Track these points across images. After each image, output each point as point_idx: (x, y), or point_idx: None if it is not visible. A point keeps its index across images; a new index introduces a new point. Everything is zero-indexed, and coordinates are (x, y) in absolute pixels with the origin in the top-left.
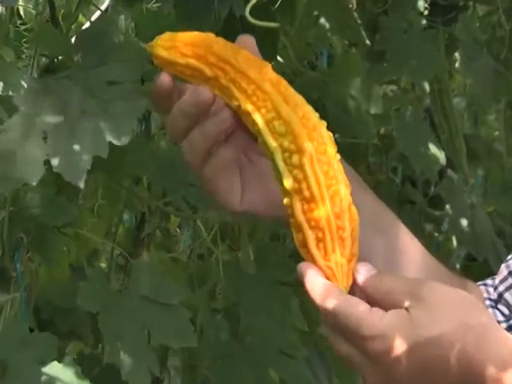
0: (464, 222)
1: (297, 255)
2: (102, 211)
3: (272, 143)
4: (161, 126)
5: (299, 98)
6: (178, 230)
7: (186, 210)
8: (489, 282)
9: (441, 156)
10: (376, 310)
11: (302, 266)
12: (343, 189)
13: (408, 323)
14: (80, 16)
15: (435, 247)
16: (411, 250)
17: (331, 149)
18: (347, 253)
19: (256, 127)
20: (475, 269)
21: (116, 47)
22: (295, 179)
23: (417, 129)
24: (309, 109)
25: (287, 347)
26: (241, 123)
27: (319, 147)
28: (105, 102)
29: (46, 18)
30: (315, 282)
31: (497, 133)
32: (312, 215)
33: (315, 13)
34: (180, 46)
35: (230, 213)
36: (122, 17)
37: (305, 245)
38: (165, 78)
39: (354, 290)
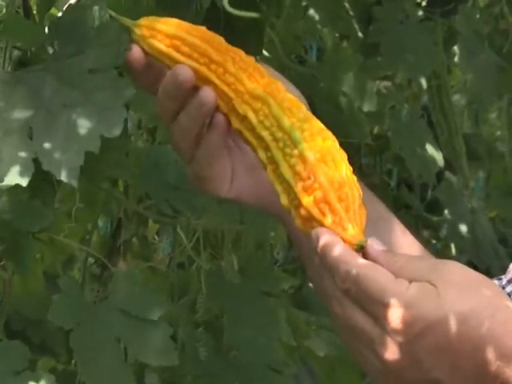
0: (464, 228)
1: (284, 265)
2: (80, 215)
3: (287, 122)
4: (138, 126)
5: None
6: (156, 237)
7: (167, 214)
8: (495, 281)
9: (439, 157)
10: (401, 279)
11: (318, 229)
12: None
13: (435, 296)
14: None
15: (433, 255)
16: (403, 243)
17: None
18: (364, 225)
19: (267, 110)
20: None
21: (92, 33)
22: (317, 151)
23: (413, 128)
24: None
25: (274, 363)
26: None
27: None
28: (87, 92)
29: (18, 8)
30: (335, 243)
31: (499, 132)
32: (336, 178)
33: (304, 3)
34: (184, 26)
35: (217, 199)
36: (96, 7)
37: (325, 200)
38: (136, 52)
39: None
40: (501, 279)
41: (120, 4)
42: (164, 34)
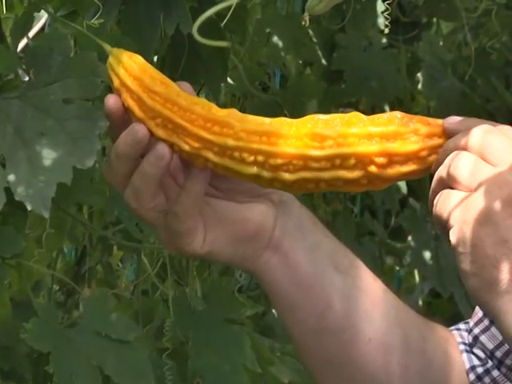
0: (427, 255)
1: (248, 291)
2: (48, 241)
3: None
4: (102, 152)
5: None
6: (120, 264)
7: (135, 239)
8: (462, 326)
9: (402, 184)
10: None
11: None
12: None
13: None
14: None
15: (396, 282)
16: (374, 290)
17: None
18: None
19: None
20: (440, 305)
21: (69, 62)
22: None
23: None
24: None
25: None
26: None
27: None
28: (62, 121)
29: None
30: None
31: None
32: None
33: (267, 30)
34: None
35: (190, 256)
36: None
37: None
38: (112, 100)
39: None
40: (467, 323)
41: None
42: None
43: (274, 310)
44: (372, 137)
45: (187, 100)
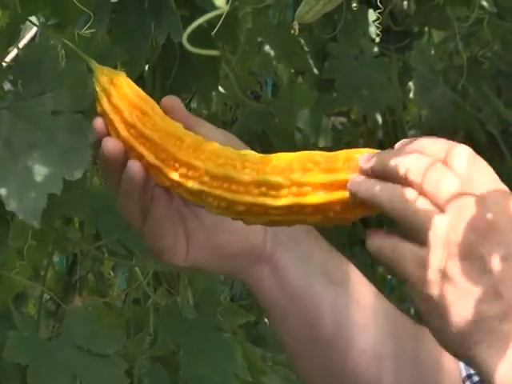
0: None
1: (240, 300)
2: (31, 253)
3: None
4: (93, 161)
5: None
6: (111, 272)
7: (120, 253)
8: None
9: None
10: None
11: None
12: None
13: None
14: None
15: (388, 290)
16: (368, 301)
17: None
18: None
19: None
20: None
21: (58, 73)
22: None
23: None
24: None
25: None
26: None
27: None
28: (51, 133)
29: None
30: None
31: None
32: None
33: (259, 39)
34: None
35: (176, 268)
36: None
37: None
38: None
39: None
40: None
41: (74, 41)
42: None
43: (266, 320)
44: (326, 186)
45: (161, 135)
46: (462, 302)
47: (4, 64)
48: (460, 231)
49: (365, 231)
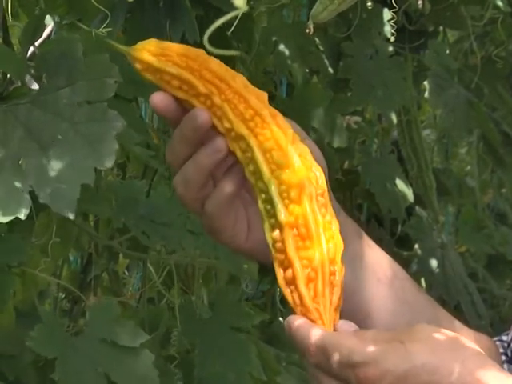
0: (434, 263)
1: (254, 299)
2: (54, 250)
3: (267, 173)
4: None
5: (295, 136)
6: (126, 271)
7: (136, 250)
8: (504, 337)
9: (409, 192)
10: (367, 340)
11: (290, 318)
12: (338, 235)
13: (403, 350)
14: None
15: None
16: (418, 302)
17: (327, 193)
18: (335, 301)
19: (249, 154)
20: None
21: (82, 65)
22: (291, 213)
23: (383, 163)
24: (305, 148)
25: None
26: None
27: (318, 188)
28: (77, 124)
29: None
30: (302, 324)
31: (469, 167)
32: (306, 253)
33: (273, 39)
34: (172, 54)
35: (233, 251)
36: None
37: (293, 282)
38: (157, 98)
39: None
40: (508, 334)
41: (90, 39)
42: (152, 67)
43: (280, 319)
44: None
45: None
46: None
47: None
48: None
49: (379, 231)
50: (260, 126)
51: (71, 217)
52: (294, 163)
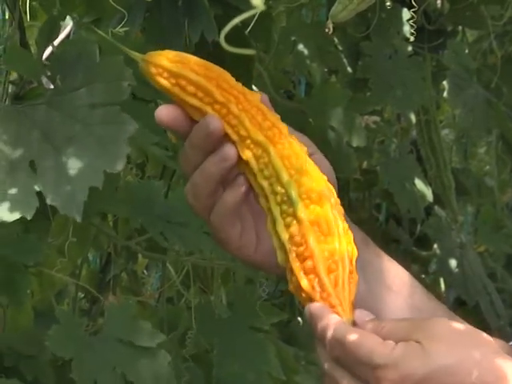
0: (453, 263)
1: (273, 299)
2: (71, 250)
3: (286, 175)
4: (127, 160)
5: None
6: (145, 271)
7: (155, 251)
8: None
9: (428, 192)
10: (388, 341)
11: (311, 305)
12: (353, 243)
13: (421, 352)
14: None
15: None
16: (429, 309)
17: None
18: (353, 297)
19: (265, 159)
20: (465, 314)
21: (96, 67)
22: (312, 212)
23: (402, 163)
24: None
25: None
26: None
27: (335, 199)
28: (90, 126)
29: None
30: (323, 313)
31: (488, 167)
32: (328, 246)
33: (292, 38)
34: (190, 63)
35: (242, 262)
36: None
37: (313, 271)
38: (164, 112)
39: None
40: None
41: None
42: (169, 72)
43: (299, 318)
44: None
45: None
46: None
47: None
48: None
49: (398, 231)
50: (278, 137)
51: (79, 219)
52: (313, 171)
